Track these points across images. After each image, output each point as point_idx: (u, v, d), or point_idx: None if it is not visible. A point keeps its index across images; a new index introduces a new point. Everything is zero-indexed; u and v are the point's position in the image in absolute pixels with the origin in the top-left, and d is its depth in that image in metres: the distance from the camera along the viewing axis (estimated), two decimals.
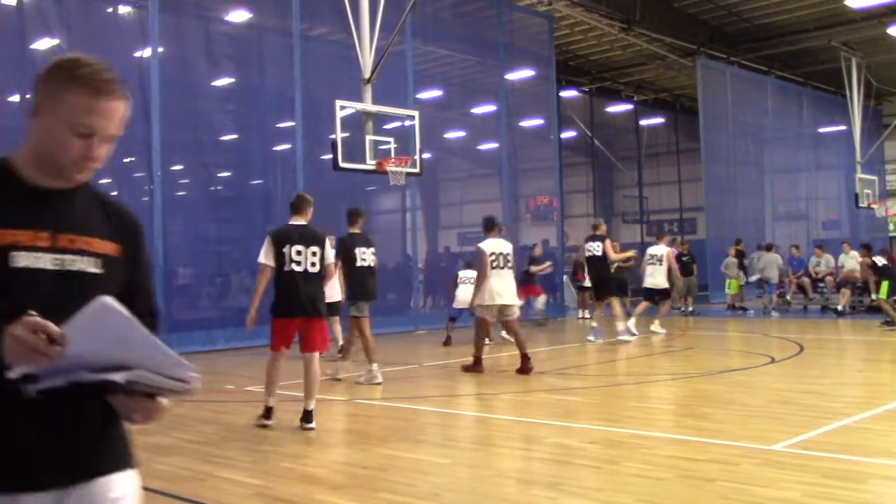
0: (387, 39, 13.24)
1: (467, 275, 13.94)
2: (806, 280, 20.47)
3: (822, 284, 20.22)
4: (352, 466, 5.82)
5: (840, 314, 18.09)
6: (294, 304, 7.28)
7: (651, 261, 15.39)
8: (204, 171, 16.01)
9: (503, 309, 10.66)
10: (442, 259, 26.88)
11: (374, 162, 12.70)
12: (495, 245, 10.73)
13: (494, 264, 10.54)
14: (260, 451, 6.50)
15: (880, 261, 16.11)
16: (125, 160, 15.21)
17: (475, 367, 10.71)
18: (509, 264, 10.67)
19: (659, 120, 32.18)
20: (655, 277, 15.28)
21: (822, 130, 28.86)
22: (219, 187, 16.72)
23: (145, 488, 5.52)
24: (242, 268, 16.53)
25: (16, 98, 14.06)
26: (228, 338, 14.75)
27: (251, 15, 16.63)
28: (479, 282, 10.61)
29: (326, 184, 16.35)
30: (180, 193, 16.35)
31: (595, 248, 14.35)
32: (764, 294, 20.31)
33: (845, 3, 20.63)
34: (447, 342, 14.29)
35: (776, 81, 26.57)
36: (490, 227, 11.04)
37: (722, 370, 10.60)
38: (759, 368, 10.54)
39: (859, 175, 25.47)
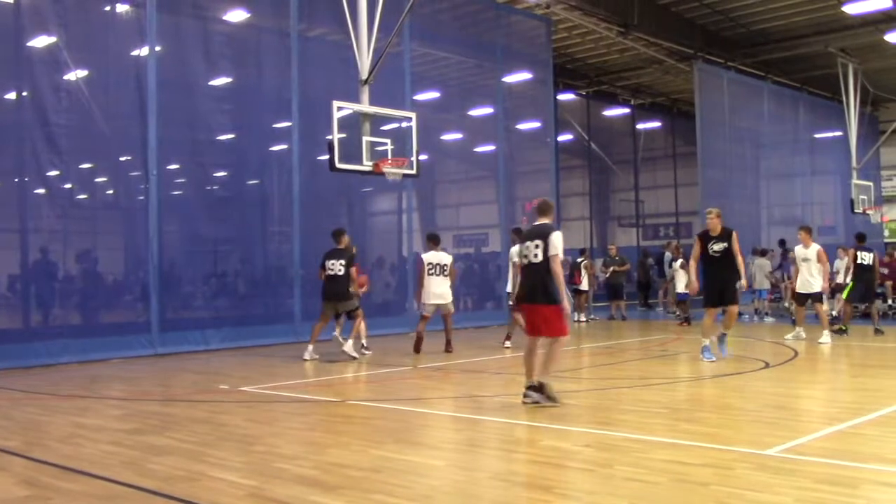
0: (384, 41, 13.24)
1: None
2: None
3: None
4: (345, 468, 5.81)
5: (835, 319, 18.11)
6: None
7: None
8: (200, 171, 15.99)
9: (440, 307, 13.36)
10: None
11: (370, 163, 12.69)
12: (434, 257, 13.40)
13: (431, 272, 13.25)
14: (254, 451, 6.49)
15: (867, 258, 15.72)
16: (121, 159, 15.22)
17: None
18: (445, 272, 13.35)
19: (656, 124, 32.21)
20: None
21: (818, 136, 28.89)
22: (215, 187, 16.70)
23: (139, 488, 5.53)
24: (238, 268, 16.53)
25: (12, 96, 14.04)
26: (223, 338, 14.74)
27: (249, 15, 16.62)
28: (420, 285, 13.37)
29: (323, 184, 16.35)
30: (176, 193, 16.32)
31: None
32: (755, 299, 20.37)
33: (842, 9, 20.69)
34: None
35: (773, 87, 26.61)
36: (433, 241, 13.73)
37: (716, 374, 10.60)
38: (753, 373, 10.55)
39: (855, 181, 25.52)
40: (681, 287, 18.67)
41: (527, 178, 23.45)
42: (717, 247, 11.57)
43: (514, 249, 14.78)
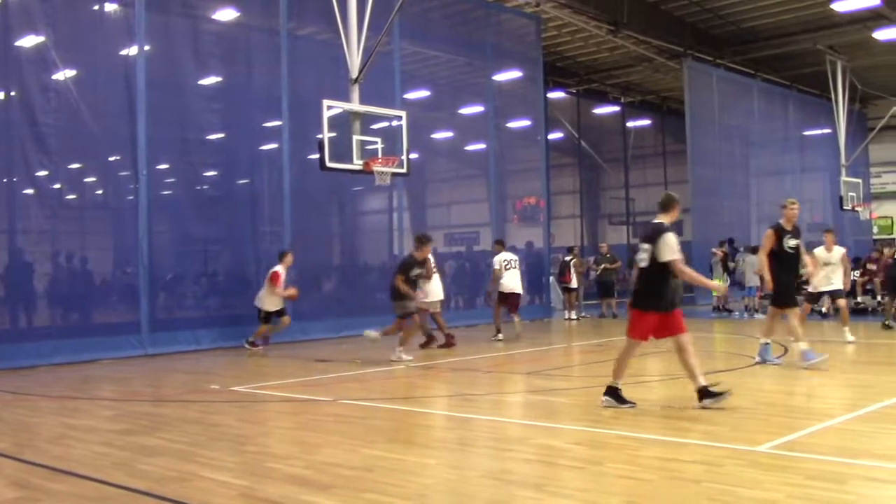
0: (374, 39, 13.23)
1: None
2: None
3: (806, 286, 20.28)
4: (338, 467, 5.80)
5: (825, 316, 18.17)
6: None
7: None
8: (190, 171, 15.93)
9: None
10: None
11: (361, 162, 12.69)
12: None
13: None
14: (245, 451, 6.47)
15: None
16: (110, 158, 15.15)
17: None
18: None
19: (646, 122, 32.28)
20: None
21: (807, 133, 29.03)
22: (205, 186, 16.64)
23: (130, 489, 5.51)
24: (228, 267, 16.48)
25: (0, 96, 13.95)
26: (214, 338, 14.71)
27: (238, 14, 16.56)
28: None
29: (313, 183, 16.32)
30: (166, 192, 16.26)
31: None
32: (745, 296, 20.44)
33: (831, 6, 20.76)
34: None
35: (762, 84, 26.72)
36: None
37: (707, 371, 10.59)
38: (744, 370, 10.58)
39: (844, 178, 25.64)
40: None
41: (517, 176, 23.47)
42: (793, 242, 10.43)
43: (498, 258, 15.74)
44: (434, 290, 14.01)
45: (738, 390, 9.12)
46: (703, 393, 7.61)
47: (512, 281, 15.60)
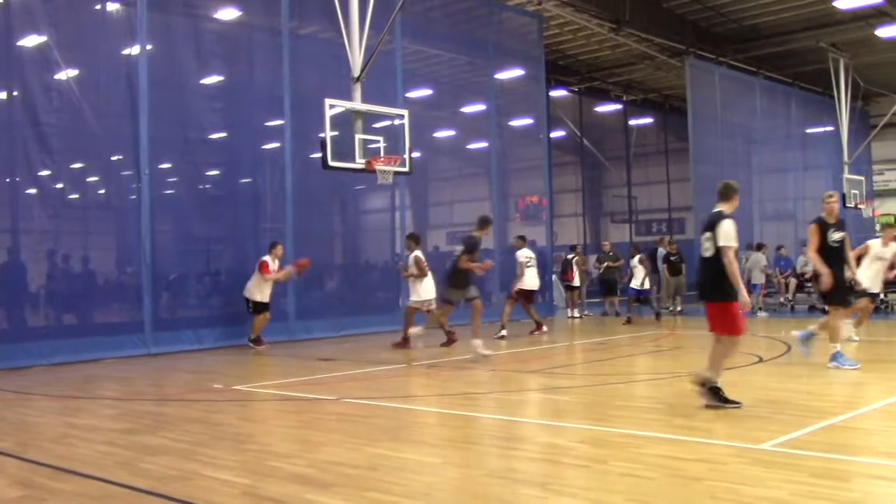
0: (376, 38, 13.22)
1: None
2: (793, 280, 20.54)
3: (809, 284, 20.28)
4: (341, 465, 5.80)
5: (827, 313, 18.13)
6: None
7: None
8: (192, 170, 15.94)
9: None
10: (431, 258, 26.85)
11: (363, 161, 12.68)
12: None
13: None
14: (248, 450, 6.47)
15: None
16: (113, 158, 15.15)
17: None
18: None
19: (648, 120, 32.24)
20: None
21: (809, 131, 28.97)
22: (207, 186, 16.65)
23: (133, 488, 5.51)
24: (230, 266, 16.48)
25: (3, 95, 13.96)
26: (216, 337, 14.72)
27: (240, 13, 16.55)
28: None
29: (315, 182, 16.32)
30: (168, 192, 16.27)
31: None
32: (750, 294, 20.38)
33: (833, 4, 20.73)
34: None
35: (764, 82, 26.66)
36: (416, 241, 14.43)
37: None
38: (747, 368, 10.57)
39: (847, 175, 25.61)
40: (636, 283, 18.67)
41: (519, 174, 23.46)
42: (837, 236, 10.02)
43: (521, 253, 16.24)
44: (427, 289, 14.04)
45: (741, 388, 9.11)
46: (713, 392, 7.55)
47: (533, 279, 16.15)
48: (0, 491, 5.41)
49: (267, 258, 14.35)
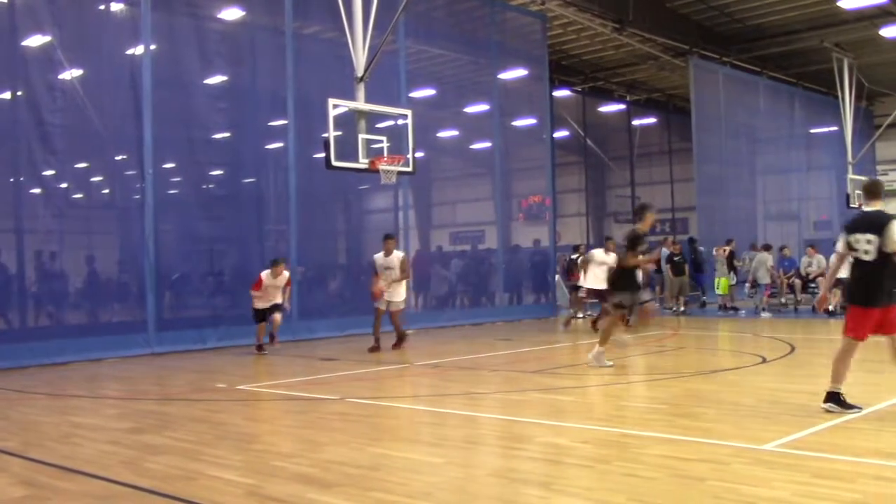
0: (380, 38, 13.22)
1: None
2: (797, 281, 20.52)
3: (813, 285, 20.26)
4: (344, 465, 5.81)
5: (831, 314, 18.12)
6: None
7: None
8: (196, 170, 15.96)
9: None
10: (434, 258, 26.87)
11: (366, 161, 12.69)
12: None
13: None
14: (251, 450, 6.49)
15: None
16: (117, 158, 15.18)
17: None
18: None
19: (651, 120, 32.20)
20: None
21: (813, 131, 28.94)
22: (211, 186, 16.69)
23: (137, 487, 5.52)
24: (234, 266, 16.50)
25: (7, 95, 14.00)
26: (220, 336, 14.72)
27: (244, 13, 16.58)
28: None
29: (319, 182, 16.34)
30: (172, 192, 16.28)
31: None
32: (755, 294, 20.37)
33: (837, 3, 20.69)
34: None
35: (768, 82, 26.64)
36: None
37: (713, 370, 10.62)
38: (750, 368, 10.57)
39: (851, 175, 25.55)
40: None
41: (523, 174, 23.45)
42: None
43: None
44: (401, 290, 13.81)
45: (744, 388, 9.12)
46: (831, 397, 7.28)
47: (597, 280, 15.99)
48: (4, 490, 5.43)
49: (264, 274, 13.62)
